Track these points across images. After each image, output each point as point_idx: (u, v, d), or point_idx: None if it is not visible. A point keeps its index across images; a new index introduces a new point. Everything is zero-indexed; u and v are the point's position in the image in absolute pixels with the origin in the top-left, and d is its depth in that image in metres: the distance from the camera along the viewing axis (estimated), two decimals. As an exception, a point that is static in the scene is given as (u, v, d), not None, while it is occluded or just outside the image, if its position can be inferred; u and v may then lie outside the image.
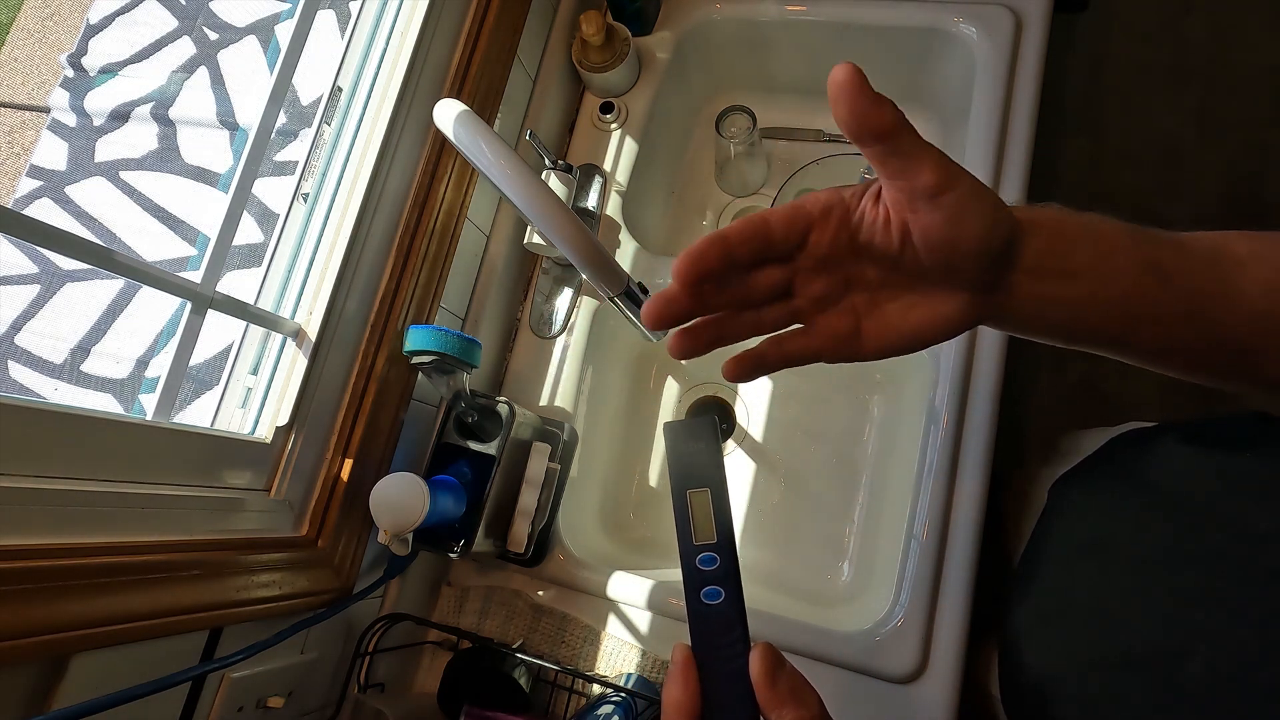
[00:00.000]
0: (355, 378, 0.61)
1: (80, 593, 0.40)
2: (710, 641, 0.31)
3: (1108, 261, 0.34)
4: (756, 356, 0.37)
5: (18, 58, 1.21)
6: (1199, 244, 0.35)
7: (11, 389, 0.81)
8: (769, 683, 0.29)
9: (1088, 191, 1.30)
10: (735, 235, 0.33)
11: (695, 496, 0.32)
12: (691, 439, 0.32)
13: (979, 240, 0.32)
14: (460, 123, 0.52)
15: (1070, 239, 0.34)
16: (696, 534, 0.31)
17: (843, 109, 0.32)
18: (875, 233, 0.33)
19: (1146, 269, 0.34)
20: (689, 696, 0.30)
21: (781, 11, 0.83)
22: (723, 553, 0.31)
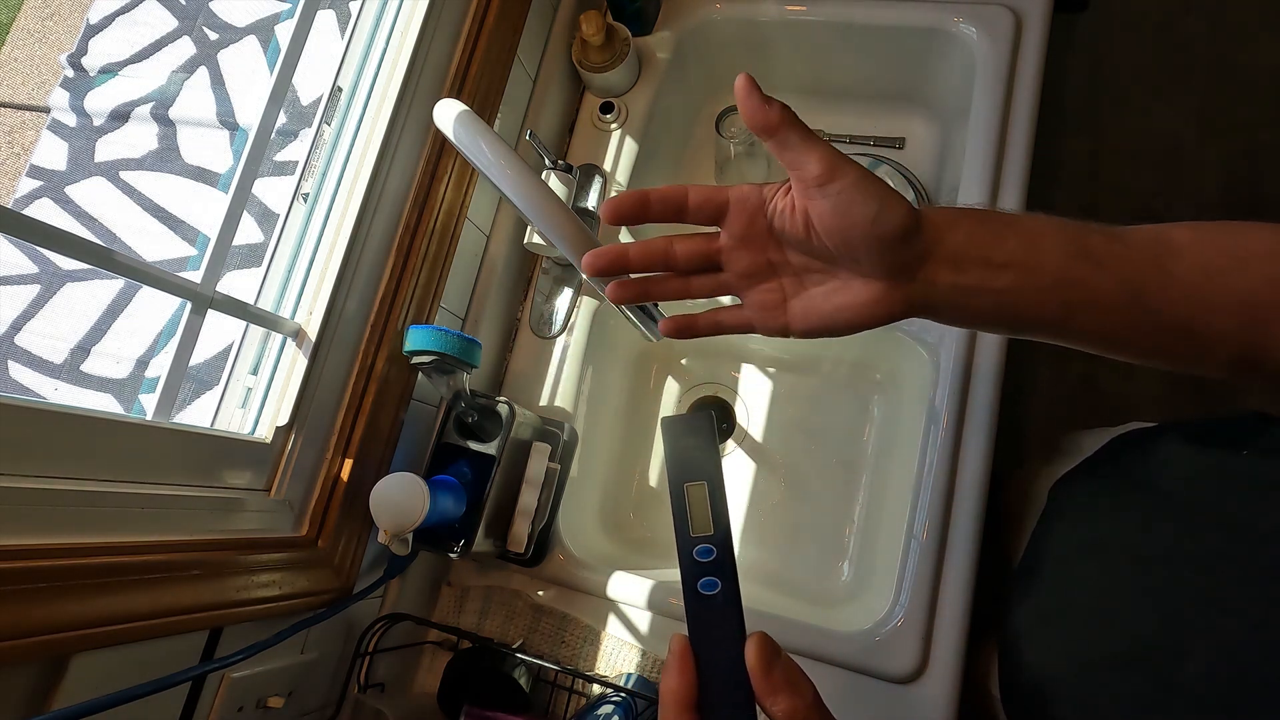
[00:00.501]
0: (355, 378, 0.61)
1: (80, 593, 0.40)
2: (707, 632, 0.31)
3: (1033, 251, 0.36)
4: (688, 318, 0.44)
5: (18, 58, 1.21)
6: (1137, 234, 0.37)
7: (11, 389, 0.81)
8: (764, 671, 0.30)
9: (1088, 191, 1.30)
10: (655, 194, 0.39)
11: (692, 489, 0.32)
12: (689, 434, 0.33)
13: (865, 226, 0.35)
14: (460, 123, 0.52)
15: (993, 231, 0.36)
16: (693, 526, 0.32)
17: (741, 110, 0.37)
18: (785, 220, 0.38)
19: (1076, 256, 0.36)
20: (686, 685, 0.30)
21: (781, 11, 0.83)
22: (719, 545, 0.31)
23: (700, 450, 0.33)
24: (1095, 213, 0.38)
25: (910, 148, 0.89)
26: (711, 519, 0.32)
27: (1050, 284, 0.36)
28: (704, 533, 0.32)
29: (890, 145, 0.89)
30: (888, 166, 0.85)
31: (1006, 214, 0.38)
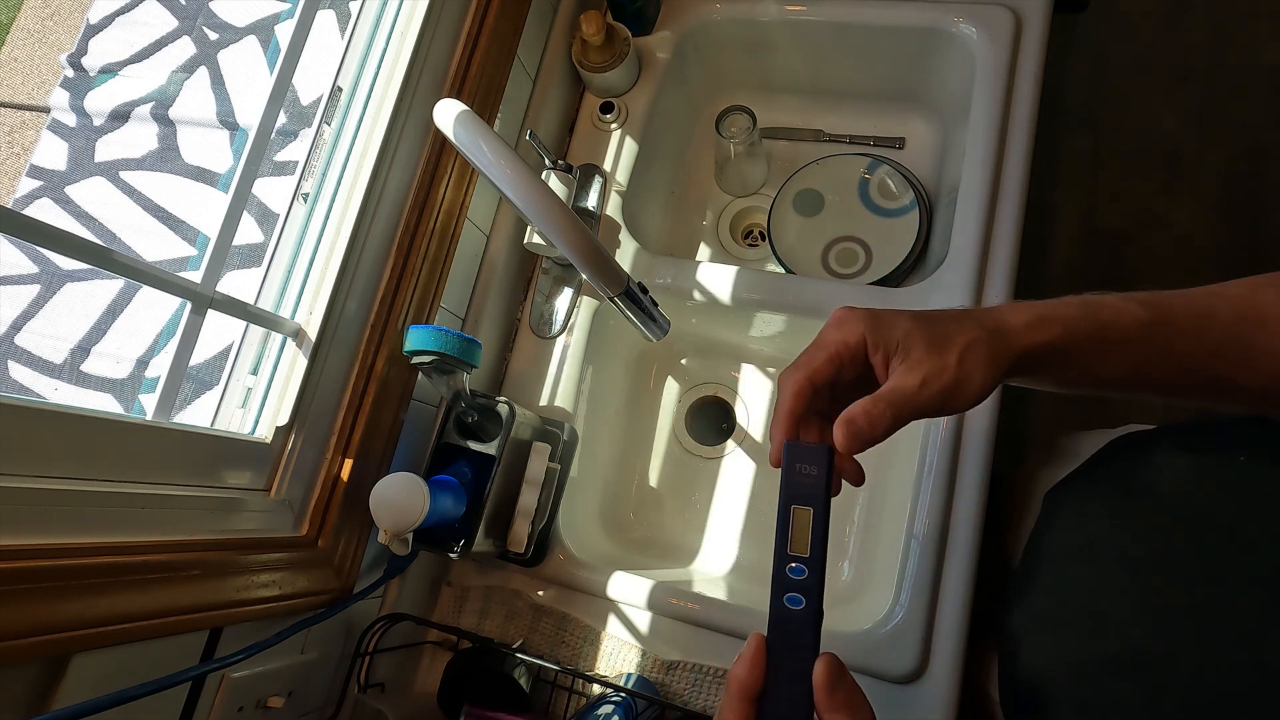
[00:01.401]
0: (355, 378, 0.61)
1: (80, 593, 0.40)
2: (784, 641, 0.34)
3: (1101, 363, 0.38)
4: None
5: (18, 58, 1.21)
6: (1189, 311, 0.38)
7: (11, 389, 0.81)
8: (829, 689, 0.32)
9: (1088, 191, 1.30)
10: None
11: (798, 512, 0.35)
12: (808, 461, 0.35)
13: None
14: (460, 123, 0.52)
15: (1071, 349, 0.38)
16: (792, 545, 0.34)
17: None
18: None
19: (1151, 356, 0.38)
20: (754, 679, 0.33)
21: (781, 11, 0.83)
22: (812, 567, 0.34)
23: (814, 479, 0.35)
24: (1095, 213, 0.38)
25: (910, 148, 0.89)
26: (810, 543, 0.34)
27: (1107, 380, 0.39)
28: (800, 554, 0.34)
29: (890, 145, 0.89)
30: (888, 166, 0.85)
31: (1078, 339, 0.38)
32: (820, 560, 0.34)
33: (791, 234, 0.87)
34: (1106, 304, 0.38)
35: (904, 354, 0.37)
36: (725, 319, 0.82)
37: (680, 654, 0.65)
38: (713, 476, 0.84)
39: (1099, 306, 0.38)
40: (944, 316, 0.38)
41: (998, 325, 0.37)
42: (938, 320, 0.38)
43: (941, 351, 0.36)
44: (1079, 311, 0.38)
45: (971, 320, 0.38)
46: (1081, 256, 1.27)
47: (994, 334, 0.37)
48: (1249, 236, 1.24)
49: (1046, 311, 0.38)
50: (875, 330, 0.37)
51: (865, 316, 0.38)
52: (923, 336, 0.37)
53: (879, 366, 0.38)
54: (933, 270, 0.73)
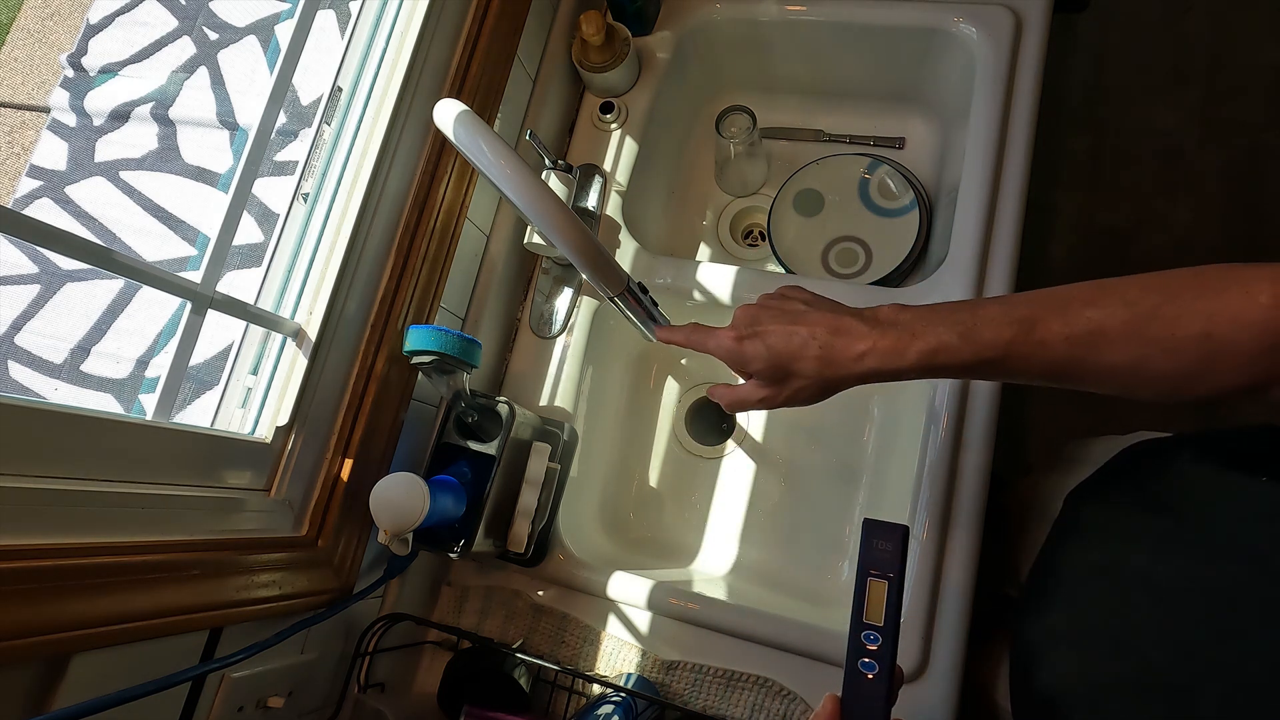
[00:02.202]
0: (355, 378, 0.61)
1: (80, 593, 0.40)
2: (857, 704, 0.36)
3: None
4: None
5: (18, 58, 1.21)
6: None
7: (11, 389, 0.81)
8: None
9: (1088, 191, 1.30)
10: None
11: (874, 584, 0.37)
12: (886, 537, 0.38)
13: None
14: (460, 123, 0.52)
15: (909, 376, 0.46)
16: (868, 614, 0.37)
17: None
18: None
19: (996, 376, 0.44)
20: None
21: (781, 11, 0.83)
22: (886, 636, 0.37)
23: (890, 554, 0.37)
24: (1095, 212, 0.38)
25: (910, 148, 0.89)
26: (884, 613, 0.37)
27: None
28: (875, 622, 0.37)
29: (890, 145, 0.89)
30: (888, 166, 0.85)
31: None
32: (894, 630, 0.37)
33: (791, 234, 0.87)
34: (943, 348, 0.42)
35: (755, 374, 0.50)
36: (725, 319, 0.82)
37: (680, 654, 0.65)
38: (713, 476, 0.84)
39: (936, 352, 0.43)
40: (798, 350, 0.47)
41: (833, 359, 0.46)
42: (792, 356, 0.47)
43: (779, 385, 0.49)
44: (917, 357, 0.43)
45: (814, 356, 0.46)
46: (1081, 256, 1.27)
47: (823, 380, 0.47)
48: (1249, 236, 1.24)
49: (895, 346, 0.44)
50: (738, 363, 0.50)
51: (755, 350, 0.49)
52: (769, 371, 0.48)
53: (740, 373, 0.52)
54: (933, 270, 0.73)
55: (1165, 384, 0.38)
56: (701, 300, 0.76)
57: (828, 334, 0.46)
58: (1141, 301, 0.38)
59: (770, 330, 0.48)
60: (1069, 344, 0.39)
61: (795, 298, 0.50)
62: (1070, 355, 0.39)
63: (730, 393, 0.53)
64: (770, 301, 0.51)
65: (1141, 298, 0.38)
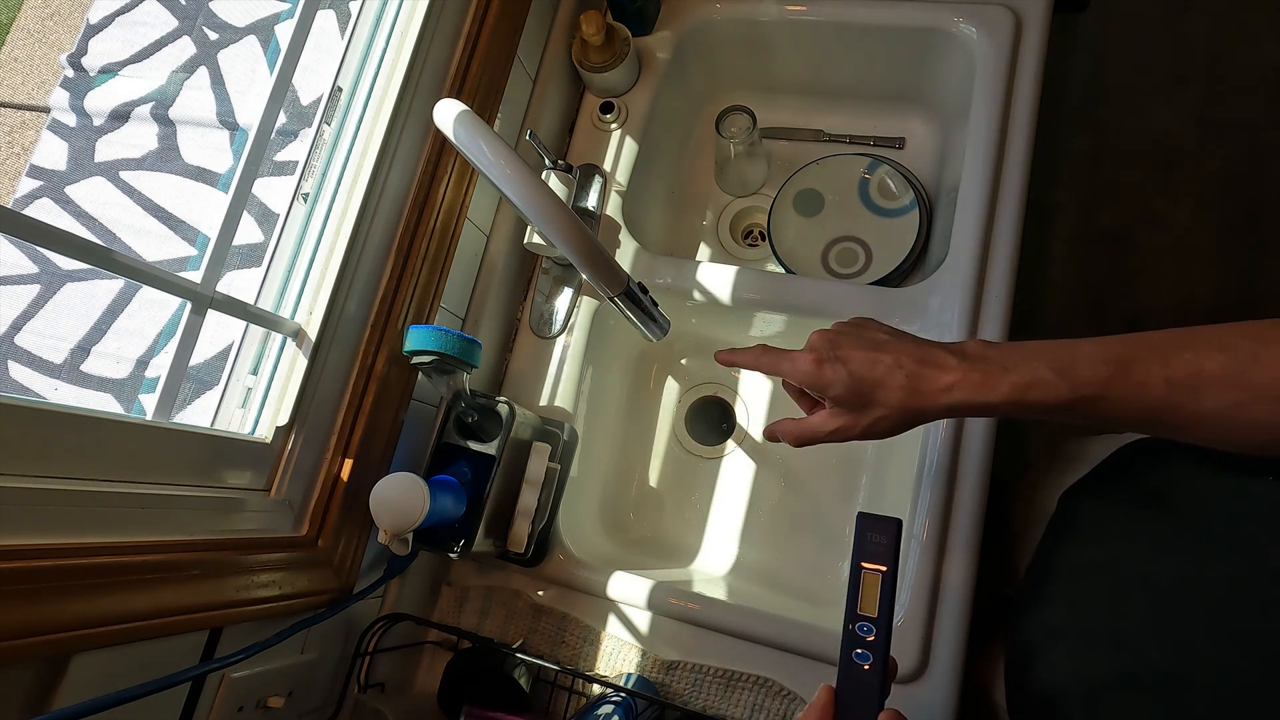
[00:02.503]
0: (355, 378, 0.61)
1: (80, 593, 0.40)
2: (851, 693, 0.37)
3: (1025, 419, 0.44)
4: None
5: (18, 58, 1.21)
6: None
7: (11, 389, 0.81)
8: None
9: (1088, 191, 1.30)
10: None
11: (868, 576, 0.38)
12: (880, 530, 0.39)
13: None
14: (460, 123, 0.52)
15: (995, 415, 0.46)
16: (862, 605, 0.38)
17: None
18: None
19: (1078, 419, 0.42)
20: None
21: (781, 11, 0.83)
22: (879, 627, 0.37)
23: (884, 548, 0.38)
24: (1095, 213, 0.38)
25: (910, 148, 0.89)
26: (878, 605, 0.37)
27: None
28: (869, 614, 0.37)
29: (890, 145, 0.89)
30: (888, 166, 0.85)
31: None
32: (887, 621, 0.37)
33: (791, 234, 0.87)
34: (1036, 383, 0.41)
35: (834, 400, 0.47)
36: (725, 319, 0.82)
37: (680, 654, 0.65)
38: (713, 476, 0.84)
39: (1029, 387, 0.41)
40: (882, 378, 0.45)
41: (920, 389, 0.44)
42: (876, 383, 0.45)
43: (857, 414, 0.47)
44: (1009, 391, 0.42)
45: (899, 385, 0.44)
46: (1081, 256, 1.27)
47: (906, 410, 0.45)
48: (1249, 236, 1.24)
49: (985, 380, 0.42)
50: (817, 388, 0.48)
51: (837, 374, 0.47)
52: (850, 398, 0.46)
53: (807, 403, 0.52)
54: (933, 270, 0.73)
55: (1264, 434, 0.37)
56: (701, 300, 0.76)
57: (914, 363, 0.44)
58: (1239, 346, 0.37)
59: (853, 355, 0.46)
60: (1168, 386, 0.38)
61: (875, 327, 0.49)
62: (1169, 399, 0.38)
63: (799, 426, 0.50)
64: (847, 328, 0.49)
65: (1238, 342, 0.37)
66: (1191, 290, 1.22)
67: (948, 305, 0.68)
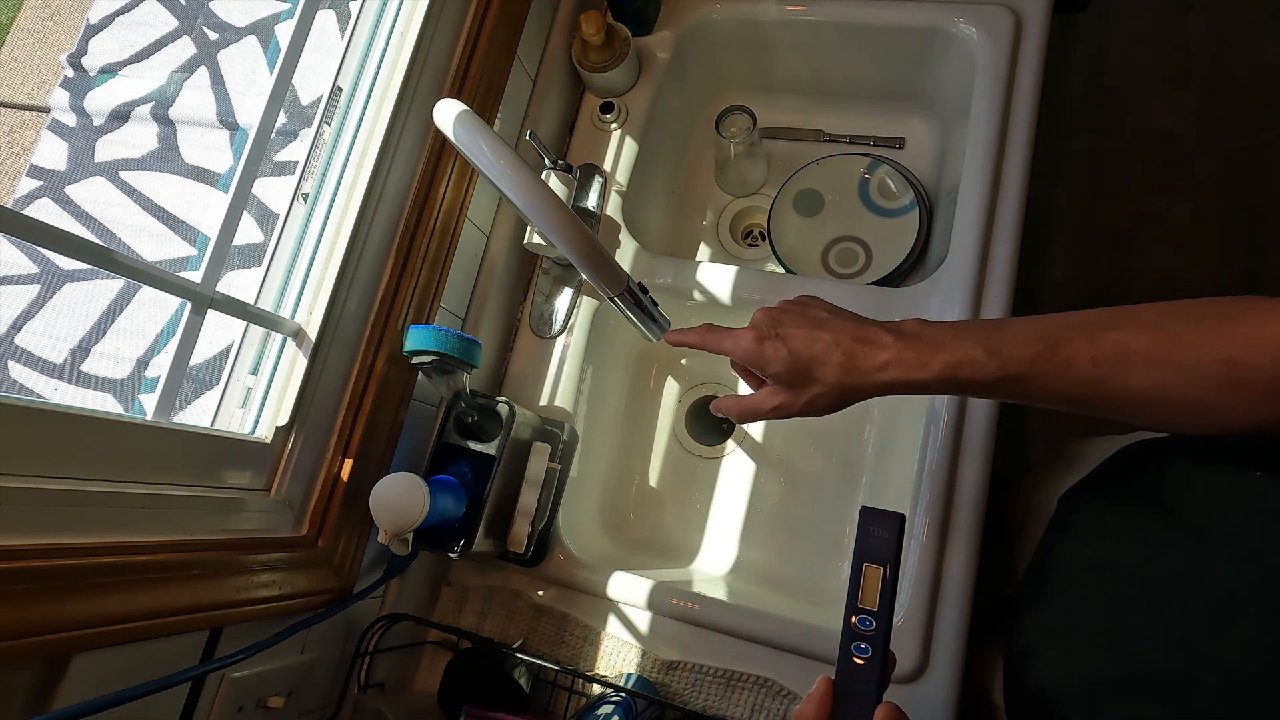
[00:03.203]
0: (355, 378, 0.61)
1: (80, 593, 0.40)
2: (850, 685, 0.37)
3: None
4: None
5: (18, 58, 1.21)
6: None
7: (11, 389, 0.81)
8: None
9: (1088, 191, 1.30)
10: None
11: (870, 570, 0.38)
12: (882, 525, 0.38)
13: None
14: (460, 123, 0.52)
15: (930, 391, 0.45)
16: (863, 599, 0.38)
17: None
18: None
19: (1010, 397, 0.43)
20: (820, 718, 0.36)
21: (781, 11, 0.83)
22: (880, 621, 0.37)
23: (886, 542, 0.38)
24: (1095, 212, 0.38)
25: (910, 148, 0.89)
26: (879, 599, 0.37)
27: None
28: (869, 607, 0.37)
29: (890, 145, 0.89)
30: (888, 166, 0.85)
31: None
32: (888, 615, 0.37)
33: (791, 234, 0.87)
34: (967, 361, 0.42)
35: (774, 377, 0.48)
36: (725, 319, 0.82)
37: (680, 654, 0.65)
38: (713, 476, 0.84)
39: (960, 365, 0.42)
40: (820, 355, 0.46)
41: (856, 367, 0.45)
42: (814, 360, 0.46)
43: (796, 391, 0.47)
44: (941, 368, 0.43)
45: (836, 363, 0.45)
46: (1081, 256, 1.27)
47: (842, 388, 0.46)
48: (1249, 236, 1.24)
49: (919, 358, 0.43)
50: (757, 364, 0.49)
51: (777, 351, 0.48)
52: (789, 375, 0.47)
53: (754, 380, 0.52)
54: (933, 270, 0.73)
55: (1185, 412, 0.38)
56: (701, 300, 0.76)
57: (852, 341, 0.45)
58: (1164, 325, 0.38)
59: (793, 334, 0.47)
60: (1094, 364, 0.39)
61: (817, 305, 0.50)
62: (1095, 376, 0.39)
63: (740, 403, 0.51)
64: (791, 306, 0.50)
65: (1164, 321, 0.38)
66: (1191, 290, 1.22)
67: (948, 305, 0.68)
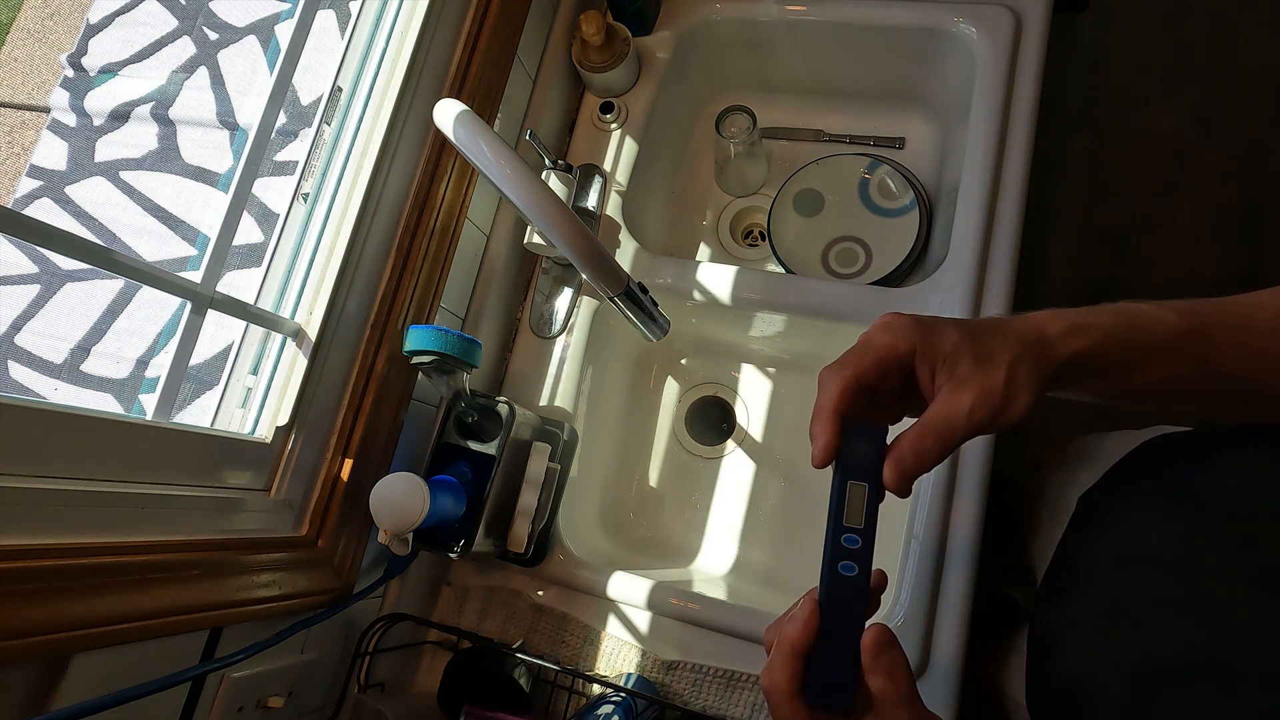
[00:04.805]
0: (355, 378, 0.61)
1: (80, 593, 0.40)
2: (836, 605, 0.36)
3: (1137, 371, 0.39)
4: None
5: (18, 58, 1.21)
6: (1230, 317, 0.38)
7: (11, 389, 0.81)
8: (874, 653, 0.35)
9: (1088, 191, 1.30)
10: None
11: (854, 487, 0.37)
12: (865, 441, 0.37)
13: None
14: (460, 123, 0.52)
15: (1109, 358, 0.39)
16: (847, 517, 0.37)
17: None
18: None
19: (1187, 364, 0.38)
20: (807, 638, 0.35)
21: (781, 11, 0.83)
22: (865, 538, 0.37)
23: (869, 458, 0.37)
24: (1095, 213, 0.38)
25: (910, 148, 0.89)
26: (864, 516, 0.37)
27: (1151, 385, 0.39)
28: (855, 525, 0.37)
29: (890, 145, 0.89)
30: (888, 166, 0.85)
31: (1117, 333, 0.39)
32: (872, 532, 0.37)
33: (791, 234, 0.87)
34: (1141, 311, 0.38)
35: (950, 369, 0.37)
36: (725, 319, 0.82)
37: (680, 654, 0.65)
38: (713, 476, 0.84)
39: (1134, 314, 0.38)
40: (987, 328, 0.38)
41: (1039, 335, 0.38)
42: (981, 332, 0.38)
43: (988, 369, 0.36)
44: (1114, 319, 0.38)
45: (1012, 332, 0.38)
46: (1081, 256, 1.27)
47: (1036, 346, 0.37)
48: (1249, 236, 1.24)
49: (1081, 319, 0.38)
50: (925, 341, 0.38)
51: (915, 325, 0.38)
52: (969, 351, 0.37)
53: (924, 377, 0.38)
54: (933, 270, 0.73)
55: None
56: (701, 300, 0.76)
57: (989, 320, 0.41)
58: None
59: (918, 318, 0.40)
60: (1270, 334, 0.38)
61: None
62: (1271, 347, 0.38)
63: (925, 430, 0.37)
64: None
65: None
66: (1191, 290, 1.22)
67: (948, 305, 0.68)
